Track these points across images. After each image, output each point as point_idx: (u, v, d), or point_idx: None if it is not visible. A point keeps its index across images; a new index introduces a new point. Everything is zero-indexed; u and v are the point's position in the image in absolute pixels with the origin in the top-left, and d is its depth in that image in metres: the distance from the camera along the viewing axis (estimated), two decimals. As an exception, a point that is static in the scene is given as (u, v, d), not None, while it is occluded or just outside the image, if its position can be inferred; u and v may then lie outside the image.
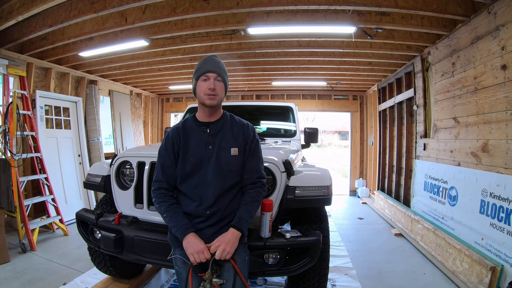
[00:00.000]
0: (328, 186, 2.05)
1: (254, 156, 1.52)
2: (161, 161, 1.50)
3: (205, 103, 1.46)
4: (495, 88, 2.70)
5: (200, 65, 1.49)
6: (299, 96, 7.78)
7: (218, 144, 1.46)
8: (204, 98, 1.45)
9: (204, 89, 1.44)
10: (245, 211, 1.43)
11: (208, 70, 1.44)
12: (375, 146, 6.81)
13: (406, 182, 4.99)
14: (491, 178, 2.73)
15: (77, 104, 5.37)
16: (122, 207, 2.20)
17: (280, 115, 3.97)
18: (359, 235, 4.44)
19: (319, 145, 26.60)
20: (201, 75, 1.45)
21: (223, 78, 1.48)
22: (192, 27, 3.59)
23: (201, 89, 1.45)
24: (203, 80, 1.45)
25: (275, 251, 1.76)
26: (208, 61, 1.49)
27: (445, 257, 3.18)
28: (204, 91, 1.44)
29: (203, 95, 1.45)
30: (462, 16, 3.02)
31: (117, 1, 2.98)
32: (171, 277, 2.96)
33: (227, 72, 1.54)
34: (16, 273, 2.93)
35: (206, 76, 1.44)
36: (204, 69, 1.45)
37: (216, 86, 1.44)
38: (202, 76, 1.45)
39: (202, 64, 1.49)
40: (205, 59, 1.51)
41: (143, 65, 5.25)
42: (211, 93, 1.43)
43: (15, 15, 3.10)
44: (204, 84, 1.45)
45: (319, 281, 2.06)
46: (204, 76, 1.45)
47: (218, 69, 1.46)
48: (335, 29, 3.60)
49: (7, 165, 3.57)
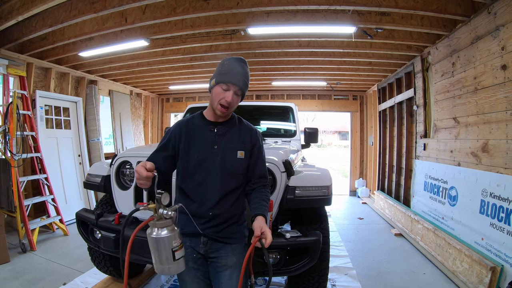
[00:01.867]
0: (328, 186, 2.05)
1: (261, 161, 1.52)
2: (156, 149, 1.49)
3: (216, 112, 1.42)
4: (495, 88, 2.70)
5: (227, 70, 1.38)
6: (299, 96, 7.78)
7: (225, 145, 1.44)
8: (217, 108, 1.40)
9: (221, 98, 1.37)
10: (263, 204, 1.43)
11: (231, 82, 1.36)
12: (375, 146, 6.81)
13: (406, 182, 4.99)
14: (491, 178, 2.73)
15: (77, 104, 5.37)
16: (122, 207, 2.20)
17: (280, 115, 3.97)
18: (359, 235, 4.44)
19: (319, 145, 26.60)
20: (223, 82, 1.37)
21: (243, 92, 1.42)
22: (192, 27, 3.59)
23: (217, 96, 1.38)
24: (222, 88, 1.37)
25: (275, 251, 1.76)
26: (235, 70, 1.37)
27: (445, 257, 3.18)
28: (219, 100, 1.37)
29: (217, 103, 1.39)
30: (462, 16, 3.02)
31: (117, 1, 2.98)
32: (171, 277, 2.96)
33: (249, 81, 1.47)
34: (16, 273, 2.93)
35: (228, 86, 1.36)
36: (229, 79, 1.36)
37: (233, 100, 1.39)
38: (223, 84, 1.37)
39: (229, 70, 1.38)
40: (233, 64, 1.39)
41: (143, 65, 5.25)
42: (226, 105, 1.38)
43: (15, 15, 3.10)
44: (222, 93, 1.37)
45: (319, 281, 2.06)
46: (225, 85, 1.36)
47: (241, 83, 1.38)
48: (335, 29, 3.60)
49: (7, 165, 3.57)
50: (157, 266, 1.19)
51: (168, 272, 1.20)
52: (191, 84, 7.09)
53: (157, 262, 1.17)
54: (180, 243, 1.17)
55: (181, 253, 1.17)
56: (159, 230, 1.14)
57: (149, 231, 1.16)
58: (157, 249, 1.15)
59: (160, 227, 1.14)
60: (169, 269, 1.18)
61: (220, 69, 1.41)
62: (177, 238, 1.16)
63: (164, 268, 1.18)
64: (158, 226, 1.14)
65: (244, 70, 1.41)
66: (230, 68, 1.38)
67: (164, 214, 1.14)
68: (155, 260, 1.18)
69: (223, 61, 1.44)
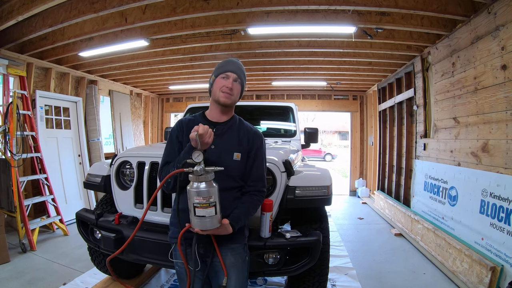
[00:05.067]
0: (328, 186, 2.05)
1: (259, 164, 1.51)
2: (166, 150, 1.52)
3: (219, 100, 1.46)
4: (495, 88, 2.70)
5: (222, 64, 1.51)
6: (299, 96, 7.78)
7: (222, 146, 1.45)
8: (220, 95, 1.45)
9: (221, 86, 1.45)
10: (244, 211, 1.42)
11: (229, 70, 1.46)
12: (375, 146, 6.81)
13: (406, 182, 4.99)
14: (491, 178, 2.73)
15: (77, 104, 5.37)
16: (122, 207, 2.20)
17: (280, 115, 3.97)
18: (359, 235, 4.44)
19: (319, 145, 26.56)
20: (222, 73, 1.47)
21: (242, 80, 1.50)
22: (192, 27, 3.59)
23: (218, 85, 1.46)
24: (222, 78, 1.46)
25: (275, 251, 1.76)
26: (230, 62, 1.51)
27: (445, 257, 3.18)
28: (221, 88, 1.45)
29: (219, 92, 1.45)
30: (462, 16, 3.02)
31: (117, 1, 2.98)
32: (171, 277, 2.96)
33: (246, 76, 1.56)
34: (16, 273, 2.93)
35: (226, 74, 1.46)
36: (226, 68, 1.47)
37: (233, 87, 1.46)
38: (222, 74, 1.47)
39: (224, 63, 1.51)
40: (228, 60, 1.53)
41: (143, 65, 5.25)
42: (227, 91, 1.44)
43: (15, 15, 3.10)
44: (222, 81, 1.46)
45: (319, 281, 2.06)
46: (224, 74, 1.46)
47: (239, 71, 1.49)
48: (335, 29, 3.60)
49: (7, 165, 3.57)
50: (189, 215, 1.30)
51: (193, 224, 1.30)
52: (191, 84, 7.09)
53: (189, 210, 1.29)
54: (204, 203, 1.25)
55: (202, 212, 1.25)
56: (192, 183, 1.27)
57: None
58: (188, 199, 1.28)
59: (192, 180, 1.27)
60: (192, 221, 1.29)
61: (217, 67, 1.53)
62: (201, 196, 1.24)
63: (191, 218, 1.30)
64: (191, 180, 1.27)
65: (239, 63, 1.53)
66: (225, 62, 1.52)
67: (195, 171, 1.26)
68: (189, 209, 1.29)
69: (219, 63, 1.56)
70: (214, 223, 1.28)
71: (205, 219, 1.26)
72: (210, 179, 1.27)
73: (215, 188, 1.27)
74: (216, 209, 1.27)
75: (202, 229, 1.28)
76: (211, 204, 1.26)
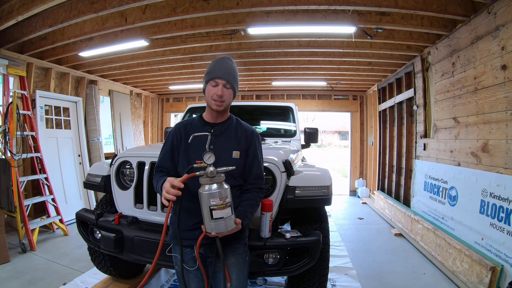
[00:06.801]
0: (328, 186, 2.05)
1: (258, 162, 1.53)
2: (161, 153, 1.56)
3: (212, 108, 1.47)
4: (495, 88, 2.70)
5: (211, 68, 1.47)
6: (299, 96, 7.78)
7: (220, 145, 1.47)
8: (212, 103, 1.46)
9: (212, 94, 1.44)
10: (249, 208, 1.44)
11: (217, 76, 1.43)
12: (375, 146, 6.81)
13: (406, 182, 4.99)
14: (491, 178, 2.73)
15: (77, 104, 5.37)
16: (122, 207, 2.20)
17: (280, 115, 3.97)
18: (359, 235, 4.44)
19: (319, 145, 26.59)
20: (211, 80, 1.45)
21: (232, 84, 1.47)
22: (192, 27, 3.59)
23: (209, 93, 1.46)
24: (212, 85, 1.45)
25: (275, 251, 1.76)
26: (219, 66, 1.46)
27: (445, 257, 3.18)
28: (212, 96, 1.45)
29: (211, 100, 1.45)
30: (462, 16, 3.02)
31: (117, 1, 2.98)
32: (171, 277, 2.96)
33: (237, 77, 1.53)
34: (16, 273, 2.93)
35: (215, 82, 1.44)
36: (214, 74, 1.44)
37: (223, 93, 1.44)
38: (211, 81, 1.45)
39: (213, 67, 1.47)
40: (217, 61, 1.49)
41: (143, 65, 5.25)
42: (218, 99, 1.44)
43: (15, 15, 3.10)
44: (212, 89, 1.44)
45: (319, 281, 2.06)
46: (214, 81, 1.44)
47: (227, 75, 1.45)
48: (335, 29, 3.60)
49: (7, 165, 3.57)
50: (204, 221, 1.28)
51: (210, 229, 1.26)
52: (191, 84, 7.09)
53: (204, 217, 1.27)
54: (221, 204, 1.23)
55: (220, 213, 1.23)
56: (204, 186, 1.25)
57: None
58: (200, 204, 1.26)
59: (204, 183, 1.25)
60: (209, 226, 1.26)
61: (207, 70, 1.50)
62: (217, 198, 1.23)
63: (206, 224, 1.27)
64: (203, 182, 1.26)
65: (228, 64, 1.48)
66: (214, 66, 1.48)
67: (209, 172, 1.25)
68: (202, 215, 1.27)
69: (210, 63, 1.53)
70: (231, 223, 1.27)
71: (222, 221, 1.24)
72: (222, 180, 1.26)
73: (228, 188, 1.27)
74: (232, 209, 1.27)
75: (219, 232, 1.26)
76: (228, 204, 1.25)
